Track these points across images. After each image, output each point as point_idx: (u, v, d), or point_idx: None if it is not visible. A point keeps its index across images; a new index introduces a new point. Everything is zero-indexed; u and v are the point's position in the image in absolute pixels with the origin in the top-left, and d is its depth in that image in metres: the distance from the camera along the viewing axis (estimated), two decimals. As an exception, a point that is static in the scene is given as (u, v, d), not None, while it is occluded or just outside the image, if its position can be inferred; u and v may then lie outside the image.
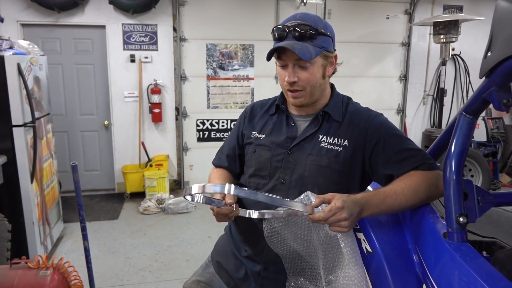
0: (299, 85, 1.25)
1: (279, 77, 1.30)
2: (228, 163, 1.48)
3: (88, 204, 4.63)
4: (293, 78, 1.24)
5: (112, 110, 4.89)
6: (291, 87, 1.26)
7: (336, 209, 1.05)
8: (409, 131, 5.76)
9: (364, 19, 5.31)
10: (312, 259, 1.19)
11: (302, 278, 1.24)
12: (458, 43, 4.97)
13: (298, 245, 1.20)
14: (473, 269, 0.84)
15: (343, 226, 1.06)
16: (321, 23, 1.25)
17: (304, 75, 1.24)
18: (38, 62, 3.26)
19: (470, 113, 0.99)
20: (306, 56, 1.19)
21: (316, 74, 1.26)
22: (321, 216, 1.05)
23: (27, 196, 2.92)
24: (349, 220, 1.06)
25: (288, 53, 1.21)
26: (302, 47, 1.19)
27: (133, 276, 3.10)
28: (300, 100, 1.29)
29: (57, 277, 2.19)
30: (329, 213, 1.05)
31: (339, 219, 1.05)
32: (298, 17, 1.24)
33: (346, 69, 5.35)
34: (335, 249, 1.12)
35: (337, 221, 1.05)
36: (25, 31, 4.61)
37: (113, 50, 4.77)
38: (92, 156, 5.03)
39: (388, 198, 1.15)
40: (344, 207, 1.05)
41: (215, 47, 5.00)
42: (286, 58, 1.23)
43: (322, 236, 1.13)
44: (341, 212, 1.05)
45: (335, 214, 1.05)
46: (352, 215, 1.07)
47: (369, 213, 1.13)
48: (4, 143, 2.82)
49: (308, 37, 1.21)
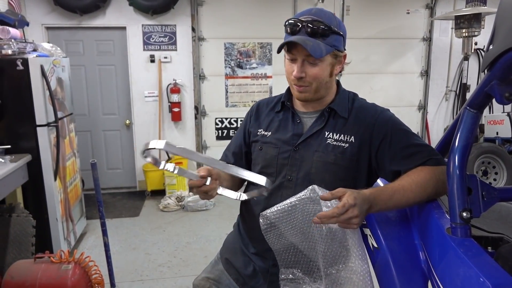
0: (306, 80, 1.25)
1: (286, 70, 1.30)
2: (235, 160, 1.49)
3: (110, 202, 4.75)
4: (301, 73, 1.23)
5: (133, 109, 5.00)
6: (298, 82, 1.27)
7: (349, 205, 1.03)
8: (430, 128, 5.65)
9: (383, 14, 5.23)
10: (310, 251, 1.19)
11: (296, 270, 1.23)
12: (482, 37, 4.82)
13: (296, 238, 1.19)
14: (475, 264, 0.83)
15: (353, 223, 1.05)
16: (335, 21, 1.24)
17: (312, 72, 1.24)
18: (60, 63, 3.37)
19: (474, 107, 0.98)
20: (317, 53, 1.19)
21: (324, 72, 1.25)
22: (335, 212, 1.03)
23: (51, 194, 3.03)
24: (359, 217, 1.06)
25: (299, 48, 1.21)
26: (314, 43, 1.19)
27: (152, 272, 3.17)
28: (305, 95, 1.29)
29: (78, 271, 2.28)
30: (343, 209, 1.03)
31: (350, 216, 1.04)
32: (313, 12, 1.24)
33: (365, 66, 5.29)
34: (338, 243, 1.12)
35: (348, 218, 1.04)
36: (50, 34, 4.76)
37: (133, 50, 4.87)
38: (114, 154, 5.16)
39: (396, 194, 1.14)
40: (356, 204, 1.04)
41: (233, 46, 5.03)
42: (296, 53, 1.23)
43: (324, 230, 1.13)
44: (353, 209, 1.04)
45: (347, 211, 1.03)
46: (362, 212, 1.06)
47: (377, 209, 1.13)
48: (28, 142, 2.93)
49: (321, 34, 1.20)
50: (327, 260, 1.13)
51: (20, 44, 2.95)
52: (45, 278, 2.21)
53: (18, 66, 2.81)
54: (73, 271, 2.25)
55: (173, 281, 3.04)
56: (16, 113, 2.89)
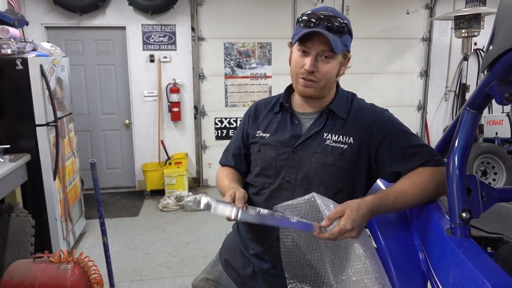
0: (315, 76, 1.23)
1: (294, 63, 1.26)
2: (235, 162, 1.48)
3: (110, 201, 4.75)
4: (314, 67, 1.21)
5: (133, 109, 4.99)
6: (307, 76, 1.23)
7: (345, 231, 1.06)
8: (430, 128, 5.65)
9: (383, 14, 5.24)
10: (317, 263, 1.18)
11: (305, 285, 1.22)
12: (481, 37, 4.82)
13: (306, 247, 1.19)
14: (474, 264, 0.83)
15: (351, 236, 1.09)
16: (348, 22, 1.25)
17: (324, 68, 1.22)
18: (60, 63, 3.36)
19: (474, 107, 0.98)
20: (337, 48, 1.18)
21: (334, 70, 1.25)
22: (331, 237, 1.07)
23: (50, 193, 3.02)
24: (358, 234, 1.09)
25: (316, 41, 1.18)
26: (334, 38, 1.18)
27: (151, 272, 3.17)
28: (310, 91, 1.26)
29: (77, 271, 2.27)
30: (338, 234, 1.06)
31: (347, 237, 1.08)
32: (330, 10, 1.23)
33: (365, 66, 5.30)
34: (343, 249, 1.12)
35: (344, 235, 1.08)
36: (49, 34, 4.76)
37: (133, 50, 4.87)
38: (113, 154, 5.16)
39: (398, 199, 1.15)
40: (353, 228, 1.06)
41: (233, 46, 5.03)
42: (312, 46, 1.20)
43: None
44: (350, 233, 1.07)
45: (344, 234, 1.07)
46: (361, 228, 1.09)
47: (379, 214, 1.15)
48: (28, 142, 2.92)
49: (340, 31, 1.20)
50: (336, 268, 1.12)
51: (20, 43, 2.94)
52: (44, 278, 2.21)
53: (18, 66, 2.80)
54: (72, 271, 2.24)
55: (172, 281, 3.04)
56: (15, 113, 2.88)
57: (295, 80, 1.29)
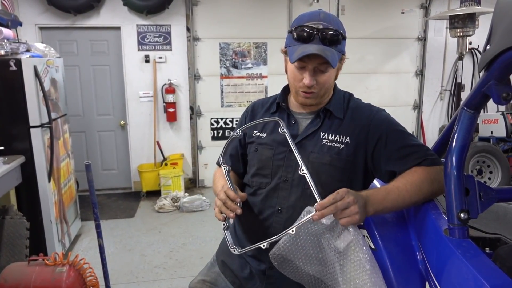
0: (315, 88, 1.24)
1: (291, 77, 1.27)
2: (232, 162, 1.48)
3: (105, 203, 4.72)
4: (312, 81, 1.22)
5: (128, 110, 4.97)
6: (307, 90, 1.24)
7: (342, 192, 1.05)
8: (426, 127, 5.67)
9: (378, 14, 5.25)
10: (330, 279, 1.13)
11: None
12: (476, 36, 4.84)
13: (312, 266, 1.14)
14: (473, 265, 0.83)
15: (353, 212, 1.04)
16: (342, 26, 1.24)
17: (322, 79, 1.23)
18: (54, 64, 3.34)
19: (471, 107, 0.97)
20: (334, 62, 1.18)
21: (332, 78, 1.26)
22: (331, 198, 1.04)
23: (45, 195, 3.00)
24: (357, 204, 1.05)
25: (312, 57, 1.18)
26: (331, 53, 1.17)
27: (148, 273, 3.15)
28: (311, 101, 1.28)
29: (73, 273, 2.25)
30: (338, 195, 1.04)
31: (348, 202, 1.04)
32: (322, 17, 1.21)
33: (360, 66, 5.30)
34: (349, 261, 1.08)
35: (346, 205, 1.04)
36: (43, 34, 4.72)
37: (128, 51, 4.84)
38: (109, 155, 5.13)
39: (390, 194, 1.14)
40: (348, 191, 1.06)
41: (228, 46, 5.02)
42: (309, 61, 1.20)
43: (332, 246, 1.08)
44: (348, 195, 1.05)
45: (342, 197, 1.04)
46: (359, 201, 1.06)
47: (373, 209, 1.12)
48: (22, 143, 2.90)
49: (334, 42, 1.19)
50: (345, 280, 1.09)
51: (13, 44, 2.92)
52: (39, 281, 2.18)
53: (11, 67, 2.78)
54: (67, 273, 2.22)
55: (169, 283, 3.02)
56: (9, 114, 2.86)
57: (295, 92, 1.30)
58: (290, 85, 1.31)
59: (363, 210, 1.07)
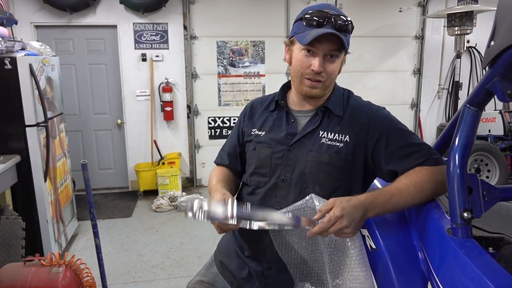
0: (323, 76, 1.21)
1: (298, 64, 1.22)
2: (230, 161, 1.46)
3: (102, 202, 4.69)
4: (321, 67, 1.18)
5: (125, 109, 4.94)
6: (314, 77, 1.21)
7: (335, 218, 1.04)
8: (423, 126, 5.67)
9: (376, 12, 5.23)
10: (317, 264, 1.17)
11: (308, 284, 1.21)
12: (474, 35, 4.84)
13: (303, 250, 1.17)
14: (477, 265, 0.81)
15: (346, 233, 1.06)
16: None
17: (331, 67, 1.21)
18: (50, 62, 3.30)
19: (474, 105, 0.96)
20: (347, 47, 1.18)
21: (337, 69, 1.24)
22: (321, 227, 1.05)
23: (41, 195, 2.97)
24: (351, 226, 1.05)
25: (324, 42, 1.16)
26: (344, 38, 1.16)
27: (145, 273, 3.13)
28: (316, 91, 1.24)
29: (69, 274, 2.23)
30: (328, 223, 1.04)
31: (340, 228, 1.05)
32: (332, 7, 1.22)
33: (358, 64, 5.29)
34: (341, 252, 1.11)
35: (338, 230, 1.05)
36: (39, 33, 4.68)
37: (124, 49, 4.81)
38: (105, 154, 5.10)
39: (393, 197, 1.12)
40: (343, 215, 1.04)
41: (226, 45, 5.00)
42: (320, 46, 1.17)
43: (327, 239, 1.12)
44: (341, 221, 1.04)
45: (334, 224, 1.05)
46: (354, 220, 1.06)
47: (375, 213, 1.11)
48: (17, 142, 2.87)
49: (346, 30, 1.18)
50: (332, 271, 1.11)
51: (8, 42, 2.88)
52: (35, 281, 2.16)
53: (6, 65, 2.75)
54: (64, 274, 2.19)
55: (166, 283, 3.00)
56: (4, 113, 2.83)
57: (300, 81, 1.25)
58: (296, 74, 1.25)
59: (359, 223, 1.08)
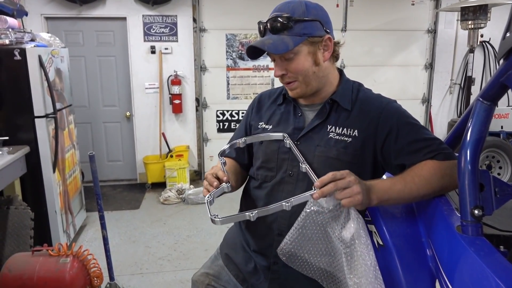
0: (289, 76, 1.22)
1: None
2: (236, 154, 1.44)
3: (111, 194, 4.72)
4: (280, 71, 1.22)
5: (134, 101, 4.95)
6: (283, 80, 1.25)
7: (343, 171, 1.03)
8: (434, 121, 5.59)
9: (387, 6, 5.15)
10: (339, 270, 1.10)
11: None
12: (488, 29, 4.73)
13: (321, 258, 1.12)
14: (487, 264, 0.79)
15: (354, 192, 1.01)
16: (300, 9, 1.19)
17: (291, 66, 1.20)
18: (59, 54, 3.31)
19: (488, 99, 0.93)
20: (279, 49, 1.15)
21: (304, 63, 1.20)
22: (330, 176, 1.01)
23: (49, 186, 2.99)
24: (359, 185, 1.02)
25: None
26: (276, 40, 1.15)
27: (152, 265, 3.14)
28: (297, 91, 1.25)
29: (76, 264, 2.25)
30: (337, 173, 1.02)
31: (349, 181, 1.01)
32: (277, 8, 1.22)
33: (369, 58, 5.22)
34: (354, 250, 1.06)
35: (347, 184, 1.01)
36: (49, 24, 4.70)
37: (134, 41, 4.81)
38: (114, 146, 5.12)
39: (396, 184, 1.10)
40: (349, 172, 1.04)
41: (235, 37, 4.97)
42: (271, 53, 1.20)
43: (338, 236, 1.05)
44: (349, 174, 1.03)
45: (343, 176, 1.02)
46: (361, 184, 1.03)
47: (377, 197, 1.08)
48: (27, 134, 2.88)
49: (283, 28, 1.17)
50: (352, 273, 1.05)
51: (18, 33, 2.89)
52: (43, 271, 2.18)
53: (16, 56, 2.76)
54: (71, 264, 2.22)
55: (173, 275, 3.01)
56: (13, 104, 2.84)
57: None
58: None
59: (366, 194, 1.04)
